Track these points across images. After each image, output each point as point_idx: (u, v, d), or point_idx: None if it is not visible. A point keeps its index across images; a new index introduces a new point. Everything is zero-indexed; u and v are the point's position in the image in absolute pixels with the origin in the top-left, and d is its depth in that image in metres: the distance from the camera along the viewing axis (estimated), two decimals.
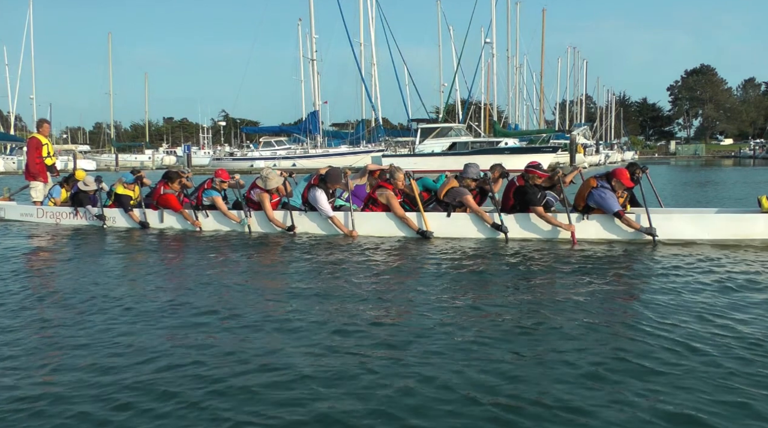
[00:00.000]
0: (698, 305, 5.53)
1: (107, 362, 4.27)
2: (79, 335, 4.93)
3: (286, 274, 7.40)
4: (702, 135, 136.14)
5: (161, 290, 6.50)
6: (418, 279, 6.92)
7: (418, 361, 4.18)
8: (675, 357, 4.19)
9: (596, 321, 5.08)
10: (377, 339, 4.69)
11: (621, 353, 4.29)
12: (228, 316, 5.38)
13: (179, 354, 4.40)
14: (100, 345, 4.65)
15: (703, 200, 17.38)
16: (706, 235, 8.96)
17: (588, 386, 3.75)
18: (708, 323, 5.00)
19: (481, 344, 4.52)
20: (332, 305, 5.71)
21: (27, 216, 13.05)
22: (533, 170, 9.45)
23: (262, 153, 58.25)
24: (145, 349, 4.53)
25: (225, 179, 11.21)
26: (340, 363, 4.15)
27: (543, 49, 63.91)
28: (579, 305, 5.63)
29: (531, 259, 8.04)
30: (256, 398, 3.66)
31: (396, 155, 45.76)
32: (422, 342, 4.60)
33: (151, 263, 8.35)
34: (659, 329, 4.81)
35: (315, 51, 55.70)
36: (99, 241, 10.47)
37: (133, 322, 5.27)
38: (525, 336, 4.71)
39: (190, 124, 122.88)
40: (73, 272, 7.73)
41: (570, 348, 4.40)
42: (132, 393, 3.73)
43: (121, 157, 73.89)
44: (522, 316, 5.27)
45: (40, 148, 13.32)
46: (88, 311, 5.67)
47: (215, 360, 4.25)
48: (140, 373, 4.05)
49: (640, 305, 5.66)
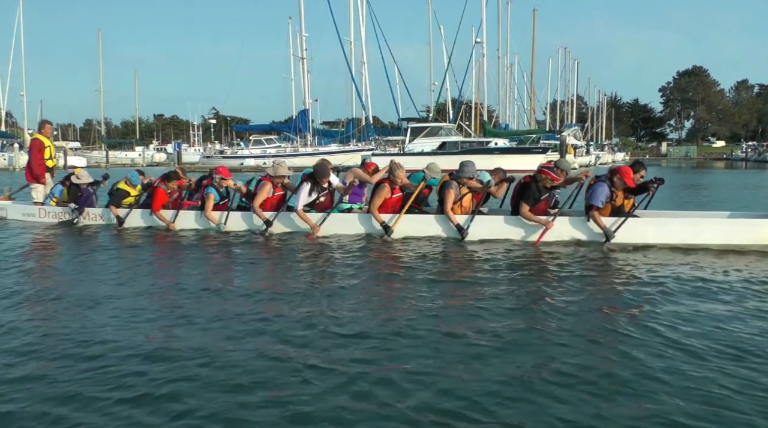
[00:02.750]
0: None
1: (102, 360, 4.43)
2: (77, 332, 5.08)
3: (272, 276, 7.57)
4: (694, 137, 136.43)
5: (151, 289, 6.66)
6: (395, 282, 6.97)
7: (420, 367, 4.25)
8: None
9: (586, 326, 5.17)
10: (340, 338, 4.80)
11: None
12: (214, 316, 5.56)
13: (171, 351, 4.58)
14: (95, 342, 4.81)
15: (700, 203, 17.56)
16: (719, 240, 8.82)
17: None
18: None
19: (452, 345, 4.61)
20: (286, 305, 5.85)
21: (29, 216, 12.96)
22: (547, 172, 9.27)
23: (252, 151, 58.23)
24: (129, 347, 4.67)
25: (225, 177, 11.03)
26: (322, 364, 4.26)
27: (534, 50, 64.10)
28: (558, 307, 5.71)
29: (508, 263, 8.03)
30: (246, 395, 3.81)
31: (385, 154, 45.72)
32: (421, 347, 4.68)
33: (145, 262, 8.51)
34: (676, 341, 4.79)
35: (305, 50, 55.77)
36: (97, 240, 10.51)
37: (117, 318, 5.46)
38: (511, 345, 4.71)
39: (181, 121, 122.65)
40: (70, 271, 7.88)
41: (561, 355, 4.48)
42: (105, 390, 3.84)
43: (111, 154, 73.56)
44: (495, 320, 5.31)
45: (42, 150, 13.25)
46: (81, 310, 5.79)
47: (219, 359, 4.40)
48: (124, 368, 4.23)
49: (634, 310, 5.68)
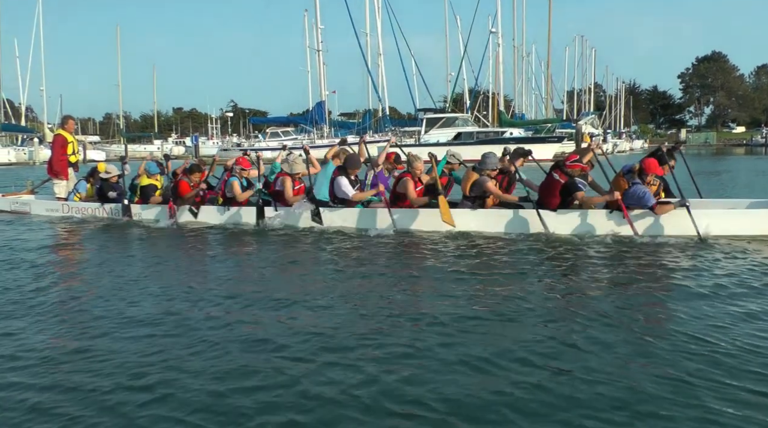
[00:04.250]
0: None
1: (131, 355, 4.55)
2: (105, 327, 5.25)
3: (313, 270, 7.55)
4: (713, 123, 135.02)
5: (182, 286, 6.69)
6: (448, 278, 6.87)
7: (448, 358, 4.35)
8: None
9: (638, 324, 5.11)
10: (401, 338, 4.81)
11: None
12: (247, 307, 5.73)
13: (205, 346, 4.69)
14: (124, 339, 4.94)
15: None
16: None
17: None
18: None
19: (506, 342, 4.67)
20: (358, 300, 5.96)
21: (53, 211, 12.98)
22: (576, 164, 9.18)
23: (269, 143, 58.42)
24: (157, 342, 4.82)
25: (246, 167, 11.12)
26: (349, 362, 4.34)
27: (549, 38, 63.92)
28: (614, 302, 5.73)
29: (571, 254, 8.05)
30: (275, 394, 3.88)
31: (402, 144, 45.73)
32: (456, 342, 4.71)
33: (176, 258, 8.60)
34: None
35: (321, 42, 55.77)
36: (125, 234, 10.62)
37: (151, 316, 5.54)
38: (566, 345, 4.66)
39: (199, 114, 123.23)
40: (98, 267, 7.95)
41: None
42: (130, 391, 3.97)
43: (130, 147, 74.32)
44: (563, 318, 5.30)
45: (65, 145, 13.35)
46: (111, 306, 5.92)
47: (247, 355, 4.49)
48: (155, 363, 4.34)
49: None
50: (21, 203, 13.72)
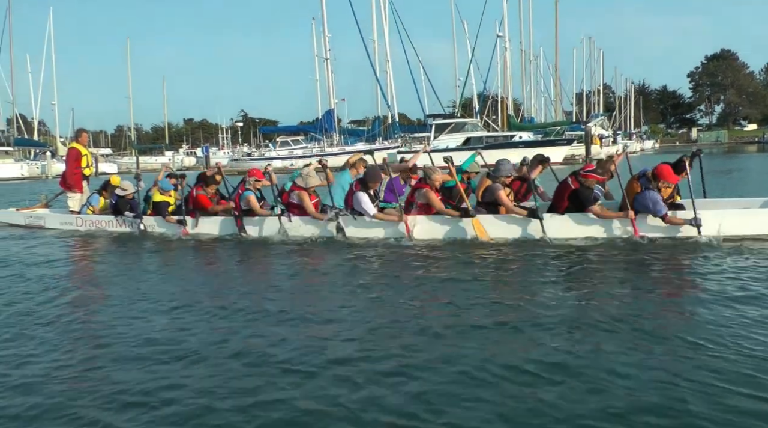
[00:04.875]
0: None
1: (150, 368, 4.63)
2: (123, 338, 5.34)
3: (332, 280, 7.54)
4: (725, 121, 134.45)
5: (200, 298, 6.75)
6: (465, 284, 6.93)
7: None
8: None
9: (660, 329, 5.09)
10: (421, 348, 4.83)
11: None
12: (275, 320, 5.72)
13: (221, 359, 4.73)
14: (142, 353, 4.99)
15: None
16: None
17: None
18: None
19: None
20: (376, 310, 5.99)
21: (67, 225, 13.06)
22: (591, 175, 9.22)
23: (279, 153, 58.69)
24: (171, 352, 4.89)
25: (259, 178, 11.13)
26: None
27: (557, 41, 63.93)
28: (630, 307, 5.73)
29: (581, 259, 8.06)
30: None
31: (411, 151, 45.87)
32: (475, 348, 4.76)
33: (191, 270, 8.62)
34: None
35: (328, 50, 55.93)
36: (139, 248, 10.67)
37: (168, 329, 5.62)
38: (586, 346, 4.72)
39: (210, 124, 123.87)
40: (113, 280, 8.03)
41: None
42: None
43: (141, 159, 74.81)
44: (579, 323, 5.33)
45: (79, 159, 13.44)
46: (123, 317, 6.02)
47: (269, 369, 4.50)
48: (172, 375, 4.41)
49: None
50: (35, 217, 13.84)
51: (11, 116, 70.23)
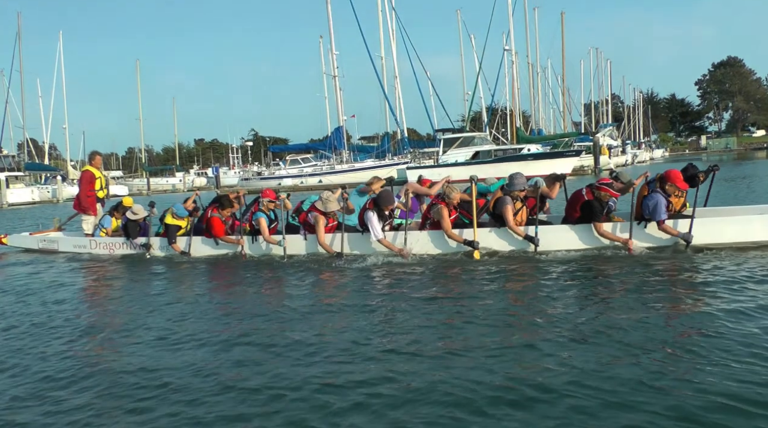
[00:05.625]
0: None
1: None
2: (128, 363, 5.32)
3: (337, 298, 7.49)
4: (733, 128, 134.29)
5: (204, 320, 6.73)
6: (463, 301, 6.90)
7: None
8: None
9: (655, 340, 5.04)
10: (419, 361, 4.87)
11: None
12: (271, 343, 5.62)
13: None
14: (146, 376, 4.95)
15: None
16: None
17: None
18: None
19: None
20: (373, 328, 5.96)
21: (80, 248, 13.12)
22: (606, 189, 9.20)
23: (289, 171, 58.95)
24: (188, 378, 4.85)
25: (272, 199, 11.08)
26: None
27: (563, 53, 63.95)
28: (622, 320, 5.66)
29: (578, 271, 8.12)
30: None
31: (420, 166, 45.99)
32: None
33: (198, 292, 8.48)
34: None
35: (336, 67, 56.35)
36: (148, 271, 10.62)
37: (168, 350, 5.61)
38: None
39: (221, 144, 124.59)
40: (124, 302, 8.04)
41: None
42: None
43: (152, 180, 75.37)
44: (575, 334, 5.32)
45: (93, 181, 13.47)
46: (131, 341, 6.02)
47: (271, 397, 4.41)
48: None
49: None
50: (49, 241, 13.89)
51: (22, 141, 71.21)
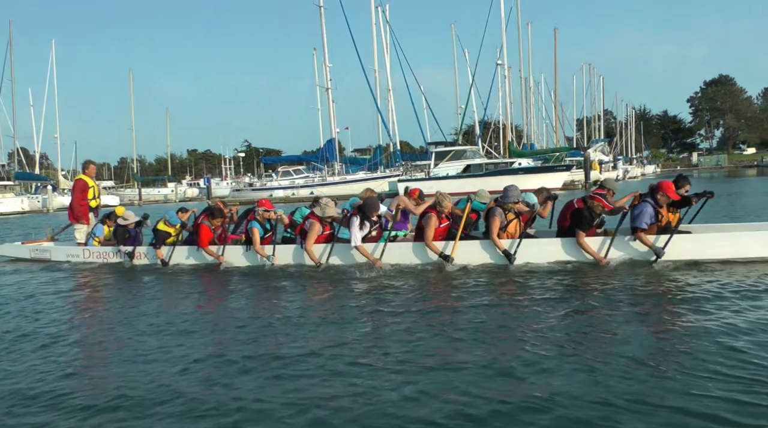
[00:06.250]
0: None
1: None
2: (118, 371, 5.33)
3: (320, 309, 7.49)
4: (724, 145, 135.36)
5: (180, 333, 6.64)
6: (447, 309, 7.02)
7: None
8: None
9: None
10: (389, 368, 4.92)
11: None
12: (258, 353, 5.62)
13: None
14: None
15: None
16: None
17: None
18: None
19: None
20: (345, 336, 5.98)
21: (73, 257, 13.14)
22: (599, 199, 9.33)
23: (280, 183, 59.04)
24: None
25: (269, 209, 11.06)
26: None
27: (556, 68, 64.81)
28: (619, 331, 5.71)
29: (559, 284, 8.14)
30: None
31: (412, 179, 46.15)
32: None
33: (177, 305, 8.33)
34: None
35: (329, 80, 56.57)
36: (136, 281, 10.52)
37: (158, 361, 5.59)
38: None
39: (214, 155, 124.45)
40: (121, 310, 8.01)
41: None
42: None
43: (144, 190, 75.27)
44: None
45: (86, 190, 13.48)
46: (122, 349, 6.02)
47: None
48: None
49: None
50: (41, 250, 13.88)
51: (12, 150, 70.96)
